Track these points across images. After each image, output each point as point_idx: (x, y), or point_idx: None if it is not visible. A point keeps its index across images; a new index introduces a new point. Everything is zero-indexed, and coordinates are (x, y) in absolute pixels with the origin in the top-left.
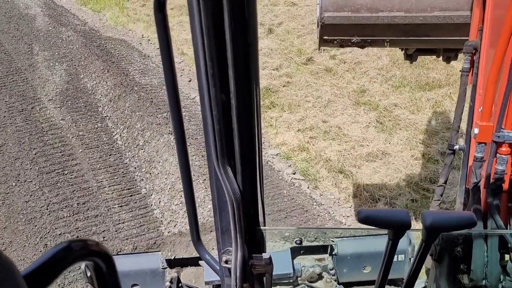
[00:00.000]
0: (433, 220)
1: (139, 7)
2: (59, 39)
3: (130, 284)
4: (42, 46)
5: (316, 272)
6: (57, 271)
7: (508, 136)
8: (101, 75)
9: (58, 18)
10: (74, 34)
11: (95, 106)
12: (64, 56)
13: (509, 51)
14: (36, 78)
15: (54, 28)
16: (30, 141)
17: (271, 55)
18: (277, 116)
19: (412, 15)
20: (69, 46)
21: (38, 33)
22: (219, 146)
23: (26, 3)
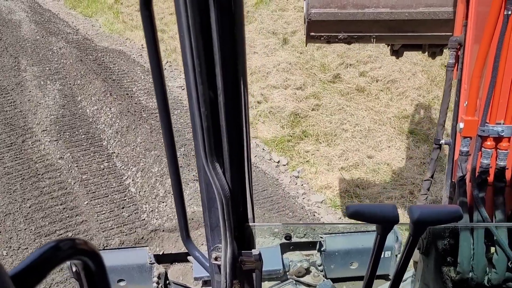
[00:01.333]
0: (420, 214)
1: (135, 12)
2: (49, 51)
3: (116, 280)
4: (31, 60)
5: (304, 267)
6: (45, 271)
7: (492, 130)
8: (103, 98)
9: (46, 25)
10: (66, 45)
11: (98, 139)
12: (56, 72)
13: (492, 46)
14: (26, 101)
15: (43, 38)
16: (23, 189)
17: (291, 70)
18: (313, 149)
19: (397, 11)
20: (61, 60)
21: (24, 44)
22: (208, 143)
23: (9, 7)
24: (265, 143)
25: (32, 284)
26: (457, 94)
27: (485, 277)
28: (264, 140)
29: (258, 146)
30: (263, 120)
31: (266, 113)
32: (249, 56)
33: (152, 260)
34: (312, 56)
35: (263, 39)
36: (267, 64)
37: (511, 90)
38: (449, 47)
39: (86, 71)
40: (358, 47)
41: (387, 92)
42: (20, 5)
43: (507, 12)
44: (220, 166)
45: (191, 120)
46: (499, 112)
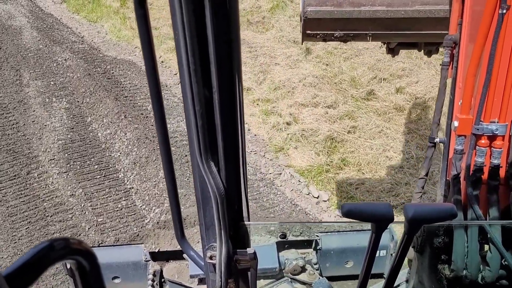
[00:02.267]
0: (414, 213)
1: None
2: (53, 63)
3: (111, 277)
4: (34, 73)
5: (300, 265)
6: (39, 271)
7: (487, 128)
8: (116, 120)
9: (49, 32)
10: (72, 56)
11: (113, 171)
12: (62, 87)
13: (487, 45)
14: (30, 123)
15: (46, 47)
16: (29, 235)
17: (319, 85)
18: (357, 182)
19: (393, 10)
20: (67, 73)
21: (26, 54)
22: (202, 142)
23: (9, 12)
24: (300, 173)
25: (26, 283)
26: (451, 92)
27: (479, 274)
28: (299, 169)
29: (293, 177)
30: (295, 145)
31: (297, 136)
32: (271, 68)
33: (147, 258)
34: (340, 68)
35: (284, 48)
36: (291, 78)
37: (505, 89)
38: (444, 45)
39: (95, 87)
40: (388, 58)
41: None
42: (20, 10)
43: (502, 11)
44: (215, 164)
45: (185, 118)
46: (493, 110)
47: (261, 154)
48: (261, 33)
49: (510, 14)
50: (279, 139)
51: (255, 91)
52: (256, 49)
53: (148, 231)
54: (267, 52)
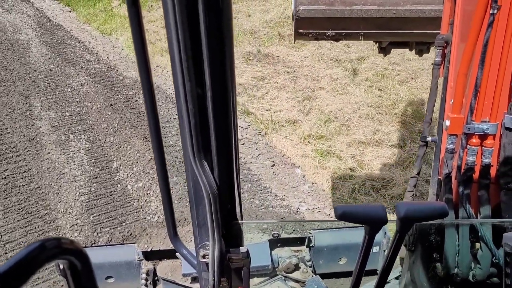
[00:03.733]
0: (406, 211)
1: (161, 29)
2: (67, 87)
3: (104, 277)
4: (45, 101)
5: (293, 262)
6: (31, 271)
7: (478, 128)
8: (148, 169)
9: (60, 49)
10: (88, 79)
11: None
12: (80, 120)
13: (478, 45)
14: (45, 170)
15: (58, 68)
16: None
17: (377, 117)
18: None
19: (385, 9)
20: (84, 102)
21: (36, 76)
22: (195, 140)
23: (15, 23)
24: None
25: (17, 283)
26: (443, 92)
27: (470, 272)
28: None
29: None
30: (366, 200)
31: (367, 188)
32: (316, 93)
33: (140, 257)
34: (397, 95)
35: (326, 68)
36: (343, 108)
37: (496, 89)
38: (435, 45)
39: (119, 122)
40: None
41: None
42: (27, 20)
43: (493, 11)
44: (207, 163)
45: (178, 117)
46: (484, 110)
47: (326, 212)
48: (296, 49)
49: (501, 14)
50: (344, 191)
51: (303, 124)
52: (295, 69)
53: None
54: (307, 73)
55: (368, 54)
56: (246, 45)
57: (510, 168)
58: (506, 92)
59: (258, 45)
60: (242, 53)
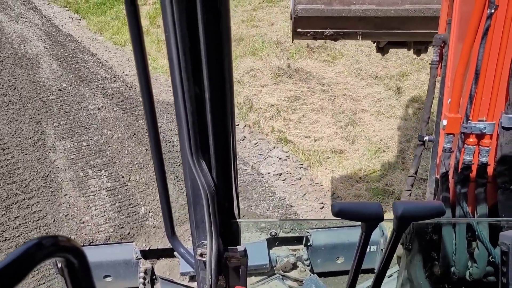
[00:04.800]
0: (403, 210)
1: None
2: (82, 111)
3: (102, 276)
4: (59, 127)
5: (291, 261)
6: (28, 269)
7: (475, 127)
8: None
9: (72, 64)
10: (105, 101)
11: None
12: (99, 152)
13: (476, 44)
14: (62, 218)
15: (71, 87)
16: None
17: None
18: None
19: (383, 8)
20: (102, 129)
21: (47, 97)
22: (193, 139)
23: (21, 34)
24: None
25: (14, 281)
26: (440, 91)
27: (466, 271)
28: None
29: None
30: None
31: None
32: (358, 116)
33: (138, 256)
34: None
35: (366, 86)
36: (393, 135)
37: (493, 88)
38: (433, 44)
39: (145, 156)
40: None
41: None
42: (35, 30)
43: (490, 11)
44: (205, 162)
45: (176, 116)
46: (481, 109)
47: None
48: (329, 63)
49: (498, 13)
50: None
51: (350, 155)
52: (331, 87)
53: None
54: (346, 92)
55: (410, 69)
56: (273, 58)
57: (507, 167)
58: (503, 91)
59: (286, 58)
60: (270, 68)
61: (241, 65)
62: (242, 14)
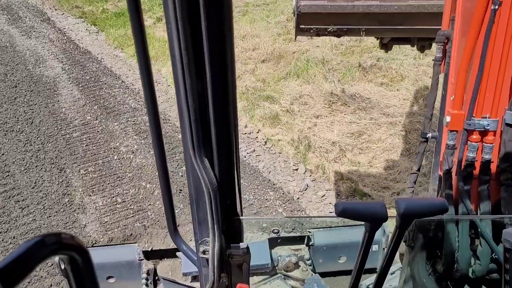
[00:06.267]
0: (406, 207)
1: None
2: (113, 154)
3: (105, 277)
4: (87, 177)
5: (292, 261)
6: (31, 266)
7: (478, 124)
8: None
9: (95, 89)
10: (139, 141)
11: None
12: (139, 211)
13: (479, 41)
14: None
15: (97, 120)
16: None
17: None
18: None
19: (387, 4)
20: (139, 180)
21: (70, 134)
22: (196, 137)
23: (36, 51)
24: None
25: (17, 279)
26: (444, 88)
27: (469, 268)
28: None
29: None
30: None
31: None
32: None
33: (141, 257)
34: None
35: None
36: None
37: (497, 85)
38: (436, 41)
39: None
40: None
41: None
42: (50, 47)
43: (494, 7)
44: (208, 159)
45: (178, 113)
46: (485, 106)
47: None
48: (388, 87)
49: (502, 10)
50: None
51: None
52: (398, 119)
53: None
54: (419, 126)
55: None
56: (322, 80)
57: (510, 164)
58: (507, 88)
59: (337, 80)
60: (322, 94)
61: (287, 90)
62: (276, 26)
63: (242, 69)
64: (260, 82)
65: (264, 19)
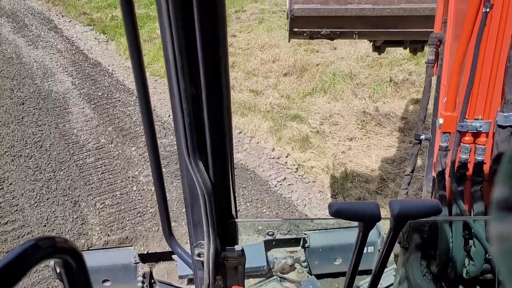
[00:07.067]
0: (400, 209)
1: (240, 75)
2: (132, 184)
3: (101, 280)
4: (104, 212)
5: (288, 263)
6: (24, 270)
7: (471, 125)
8: None
9: (108, 107)
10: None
11: None
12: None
13: (471, 43)
14: None
15: (112, 144)
16: None
17: None
18: None
19: (379, 7)
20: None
21: (83, 160)
22: (190, 139)
23: (44, 64)
24: None
25: (11, 282)
26: (436, 90)
27: (463, 269)
28: None
29: None
30: None
31: None
32: None
33: (136, 260)
34: None
35: None
36: None
37: (489, 87)
38: (429, 43)
39: None
40: None
41: None
42: (58, 59)
43: (486, 10)
44: (202, 162)
45: (173, 116)
46: (477, 108)
47: None
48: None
49: (493, 12)
50: None
51: None
52: None
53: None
54: None
55: None
56: (351, 96)
57: None
58: (498, 90)
59: (367, 96)
60: (353, 112)
61: (314, 107)
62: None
63: (264, 84)
64: (285, 98)
65: (282, 27)
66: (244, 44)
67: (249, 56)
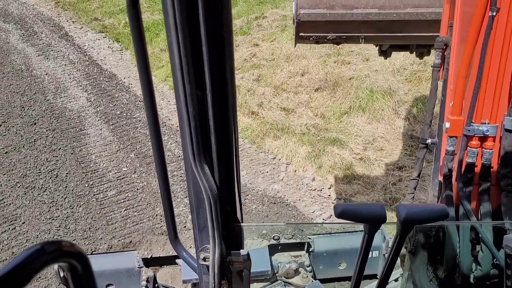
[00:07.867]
0: (407, 213)
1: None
2: (161, 222)
3: (104, 284)
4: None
5: (293, 268)
6: (31, 274)
7: (477, 129)
8: None
9: (129, 129)
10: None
11: None
12: None
13: (478, 47)
14: None
15: (136, 173)
16: None
17: None
18: None
19: (385, 12)
20: None
21: (104, 194)
22: (195, 143)
23: (56, 77)
24: None
25: (18, 286)
26: (443, 94)
27: (470, 274)
28: None
29: None
30: None
31: None
32: None
33: (140, 264)
34: None
35: None
36: None
37: (496, 90)
38: (435, 47)
39: None
40: None
41: None
42: (71, 71)
43: (492, 13)
44: (208, 166)
45: (178, 119)
46: (484, 112)
47: None
48: None
49: (500, 16)
50: None
51: None
52: None
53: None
54: None
55: None
56: (393, 116)
57: (510, 169)
58: (505, 94)
59: (412, 116)
60: (399, 135)
61: (354, 129)
62: (323, 45)
63: (295, 101)
64: (319, 118)
65: None
66: (268, 54)
67: (275, 68)
